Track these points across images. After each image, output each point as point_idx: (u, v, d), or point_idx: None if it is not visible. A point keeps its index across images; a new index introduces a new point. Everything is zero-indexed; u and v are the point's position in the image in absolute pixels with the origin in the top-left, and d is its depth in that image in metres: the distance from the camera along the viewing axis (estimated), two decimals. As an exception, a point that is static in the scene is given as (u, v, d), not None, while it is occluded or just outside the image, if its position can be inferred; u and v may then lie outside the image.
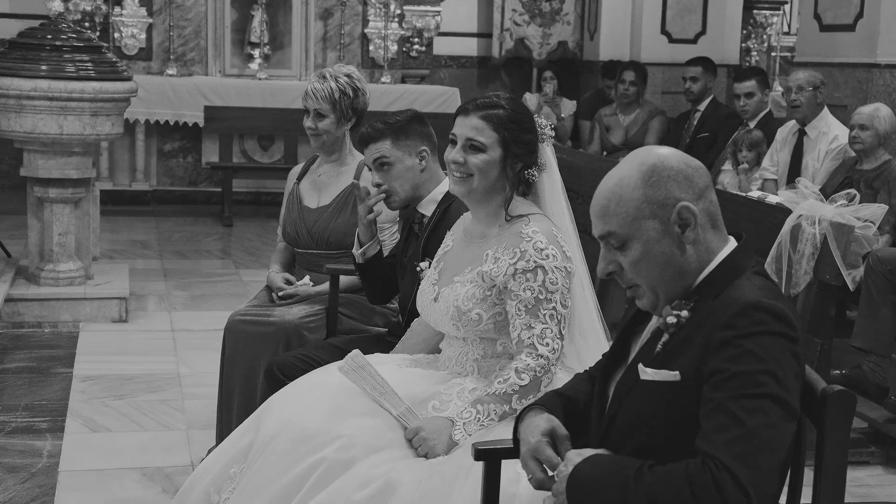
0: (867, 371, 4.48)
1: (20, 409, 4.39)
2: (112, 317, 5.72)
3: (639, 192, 1.94)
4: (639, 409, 1.98)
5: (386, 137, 3.32)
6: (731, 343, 1.84)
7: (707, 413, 1.83)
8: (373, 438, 2.52)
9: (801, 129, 6.13)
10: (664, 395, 1.93)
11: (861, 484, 3.99)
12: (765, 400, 1.80)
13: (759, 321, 1.84)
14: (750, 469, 1.76)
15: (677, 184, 1.95)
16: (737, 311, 1.86)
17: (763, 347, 1.82)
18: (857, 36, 7.14)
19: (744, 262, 1.98)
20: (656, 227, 1.94)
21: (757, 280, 1.94)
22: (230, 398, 3.75)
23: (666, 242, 1.95)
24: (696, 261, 1.96)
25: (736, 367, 1.82)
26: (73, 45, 5.62)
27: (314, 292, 3.83)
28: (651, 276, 1.97)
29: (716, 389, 1.83)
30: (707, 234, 1.97)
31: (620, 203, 1.95)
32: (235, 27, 9.65)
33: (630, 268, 1.97)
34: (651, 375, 1.96)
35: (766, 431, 1.79)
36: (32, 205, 5.86)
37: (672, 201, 1.94)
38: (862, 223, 4.04)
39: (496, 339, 2.73)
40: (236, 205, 9.14)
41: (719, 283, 1.95)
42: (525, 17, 10.65)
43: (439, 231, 3.21)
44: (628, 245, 1.96)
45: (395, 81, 9.82)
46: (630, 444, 1.98)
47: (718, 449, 1.78)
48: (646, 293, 1.99)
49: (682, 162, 1.98)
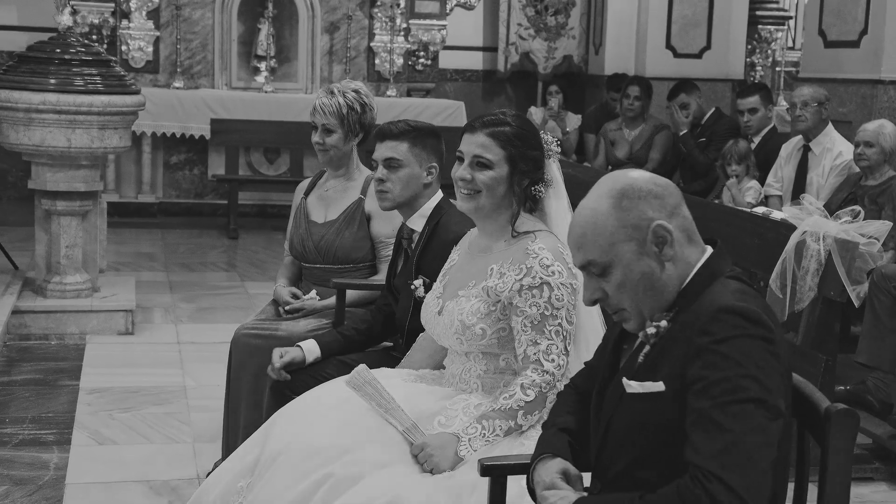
0: (871, 387, 4.49)
1: (27, 422, 4.40)
2: (118, 329, 5.74)
3: (612, 219, 1.97)
4: (629, 423, 2.00)
5: (405, 139, 3.35)
6: (709, 350, 1.86)
7: (693, 423, 1.85)
8: (379, 454, 2.53)
9: (806, 144, 6.14)
10: (652, 405, 1.95)
11: (865, 500, 4.00)
12: (748, 404, 1.81)
13: (733, 325, 1.86)
14: (742, 476, 1.78)
15: (648, 204, 1.98)
16: (711, 316, 1.88)
17: (740, 351, 1.84)
18: (862, 52, 7.16)
19: (719, 267, 2.01)
20: (633, 249, 1.97)
21: (733, 284, 1.97)
22: (236, 411, 3.77)
23: (645, 263, 1.98)
24: (676, 277, 2.00)
25: (716, 373, 1.84)
26: (82, 59, 5.66)
27: (321, 306, 3.85)
28: (635, 299, 2.00)
29: (699, 398, 1.85)
30: (684, 250, 2.00)
31: (596, 231, 1.98)
32: (242, 40, 9.70)
33: (614, 293, 2.00)
34: (636, 388, 1.98)
35: (753, 436, 1.80)
36: (40, 217, 5.89)
37: (646, 222, 1.97)
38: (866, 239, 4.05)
39: (499, 354, 2.75)
40: (242, 217, 9.16)
41: (696, 289, 1.98)
42: (530, 31, 10.68)
43: (430, 248, 3.23)
44: (609, 271, 1.99)
45: (401, 95, 9.85)
46: (625, 458, 2.00)
47: (708, 460, 1.79)
48: (632, 316, 2.02)
49: (651, 182, 2.01)
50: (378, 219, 3.87)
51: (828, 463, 1.93)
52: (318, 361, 3.30)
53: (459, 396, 2.74)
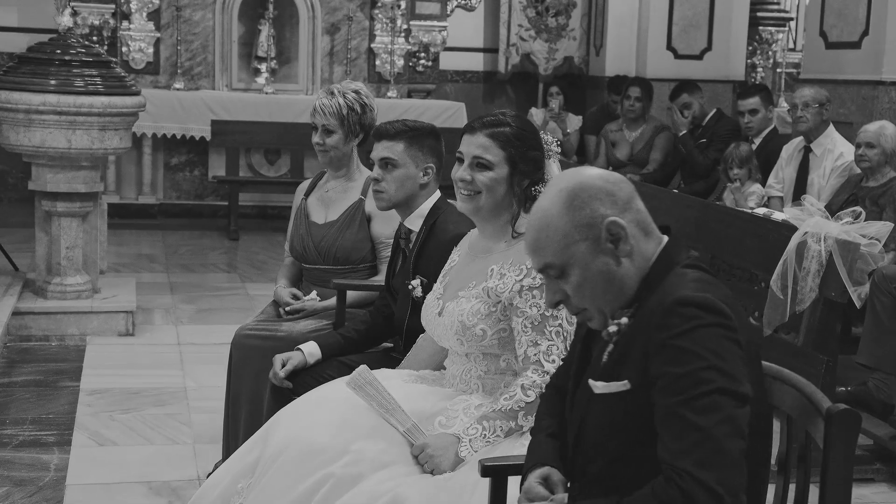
0: (872, 388, 4.49)
1: (27, 423, 4.40)
2: (119, 330, 5.74)
3: (564, 220, 1.96)
4: (601, 423, 1.99)
5: (401, 140, 3.34)
6: (668, 344, 1.85)
7: (661, 421, 1.84)
8: (380, 454, 2.53)
9: (807, 146, 6.14)
10: (621, 404, 1.94)
11: (866, 501, 3.99)
12: (713, 396, 1.80)
13: (689, 317, 1.85)
14: (714, 470, 1.77)
15: (600, 201, 1.96)
16: (666, 309, 1.87)
17: (699, 343, 1.83)
18: (863, 53, 7.16)
19: (675, 256, 1.99)
20: (589, 248, 1.96)
21: (690, 274, 1.95)
22: (237, 412, 3.76)
23: (601, 261, 1.96)
24: (635, 271, 1.98)
25: (678, 368, 1.83)
26: (82, 60, 5.66)
27: (321, 307, 3.85)
28: (595, 297, 1.98)
29: (664, 395, 1.84)
30: (640, 244, 1.99)
31: (549, 234, 1.97)
32: (242, 41, 9.70)
33: (574, 293, 1.99)
34: (602, 389, 1.97)
35: (721, 428, 1.79)
36: (40, 218, 5.89)
37: (598, 220, 1.95)
38: (868, 240, 4.05)
39: (499, 354, 2.74)
40: (242, 218, 9.16)
41: (653, 282, 1.96)
42: (531, 32, 10.68)
43: (427, 249, 3.23)
44: (567, 272, 1.98)
45: (402, 96, 9.85)
46: (601, 458, 1.99)
47: (679, 458, 1.79)
48: (594, 315, 2.01)
49: (602, 178, 2.00)
50: (378, 219, 3.87)
51: (829, 463, 1.93)
52: (319, 362, 3.30)
53: (460, 397, 2.74)
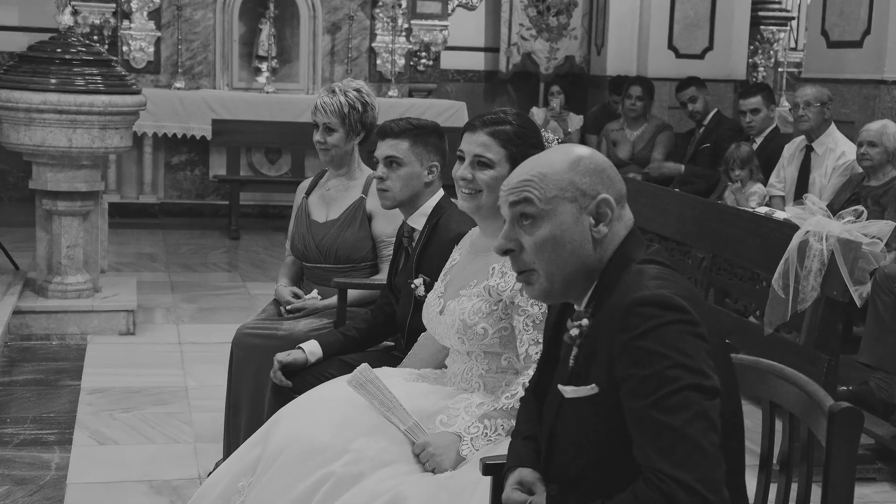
0: (874, 387, 4.48)
1: (28, 422, 4.40)
2: (120, 329, 5.74)
3: (565, 175, 1.93)
4: (574, 428, 1.96)
5: (406, 138, 3.33)
6: (630, 346, 1.82)
7: (634, 424, 1.82)
8: (381, 453, 2.53)
9: (809, 145, 6.13)
10: (590, 408, 1.91)
11: (868, 501, 3.99)
12: (682, 393, 1.78)
13: (648, 316, 1.82)
14: (693, 470, 1.75)
15: (602, 180, 1.95)
16: (626, 310, 1.84)
17: (661, 342, 1.80)
18: (865, 52, 7.15)
19: (631, 253, 1.95)
20: (573, 212, 1.92)
21: (649, 270, 1.91)
22: (238, 411, 3.76)
23: (577, 231, 1.92)
24: (595, 260, 1.95)
25: (643, 370, 1.80)
26: (83, 59, 5.65)
27: (322, 306, 3.85)
28: (552, 262, 1.93)
29: (633, 398, 1.81)
30: (613, 237, 1.95)
31: (544, 180, 1.93)
32: (243, 41, 9.69)
33: (532, 248, 1.94)
34: (571, 393, 1.93)
35: (694, 425, 1.77)
36: (41, 217, 5.88)
37: (594, 192, 1.93)
38: (869, 239, 4.04)
39: (501, 353, 2.74)
40: (243, 218, 9.16)
41: (610, 281, 1.93)
42: (532, 31, 10.68)
43: (430, 247, 3.22)
44: (538, 223, 1.93)
45: (403, 95, 9.85)
46: (577, 462, 1.96)
47: (657, 461, 1.77)
48: (540, 279, 1.95)
49: (608, 164, 1.99)
50: (379, 218, 3.87)
51: (832, 461, 1.92)
52: (320, 361, 3.29)
53: (461, 396, 2.74)
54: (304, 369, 3.29)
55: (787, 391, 2.12)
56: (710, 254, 4.84)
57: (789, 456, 2.13)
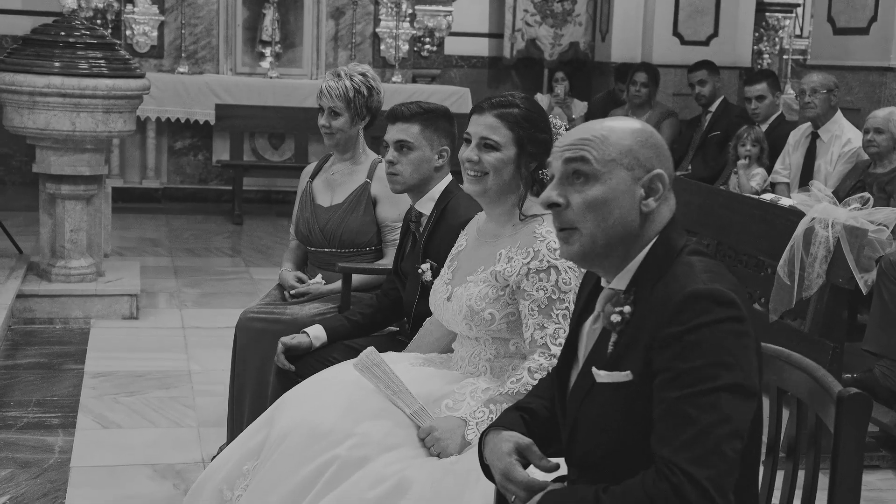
0: (879, 375, 4.47)
1: (32, 405, 4.40)
2: (123, 314, 5.73)
3: (627, 142, 1.93)
4: (599, 413, 1.94)
5: (416, 122, 3.31)
6: (676, 339, 1.80)
7: (660, 414, 1.80)
8: (386, 437, 2.52)
9: (814, 132, 6.11)
10: (621, 395, 1.90)
11: (872, 488, 3.98)
12: (717, 394, 1.76)
13: (700, 312, 1.80)
14: (708, 468, 1.73)
15: (658, 156, 1.95)
16: (678, 304, 1.82)
17: (707, 339, 1.78)
18: (871, 39, 7.13)
19: (675, 241, 1.94)
20: (626, 180, 1.91)
21: (697, 263, 1.90)
22: (242, 395, 3.76)
23: (626, 200, 1.91)
24: (639, 233, 1.93)
25: (683, 364, 1.78)
26: (87, 42, 5.64)
27: (326, 290, 3.84)
28: (596, 224, 1.91)
29: (667, 388, 1.80)
30: (659, 215, 1.94)
31: (605, 142, 1.93)
32: (247, 25, 9.67)
33: (580, 207, 1.92)
34: (605, 378, 1.92)
35: (720, 427, 1.75)
36: (44, 201, 5.87)
37: (650, 165, 1.93)
38: (875, 227, 4.03)
39: (508, 338, 2.73)
40: (247, 203, 9.14)
41: (654, 268, 1.92)
42: (536, 17, 10.64)
43: (438, 232, 3.21)
44: (590, 183, 1.92)
45: (406, 81, 9.82)
46: (601, 448, 1.94)
47: (674, 452, 1.75)
48: (581, 239, 1.93)
49: (666, 146, 1.99)
50: (384, 203, 3.86)
51: (840, 447, 1.91)
52: (325, 346, 3.29)
53: (467, 380, 2.73)
54: (308, 354, 3.29)
55: (794, 377, 2.11)
56: (715, 241, 4.83)
57: (797, 442, 2.11)
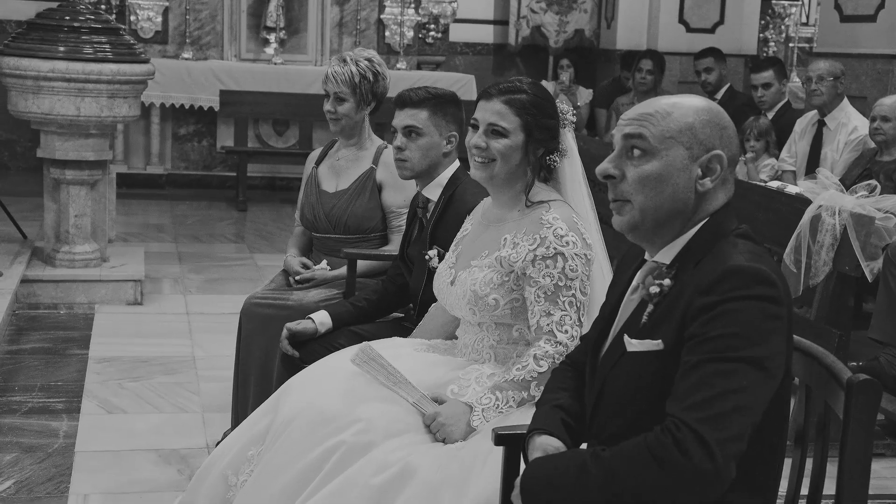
0: (884, 363, 4.45)
1: (36, 390, 4.40)
2: (127, 299, 5.73)
3: (688, 119, 1.94)
4: (625, 382, 1.96)
5: (425, 107, 3.29)
6: (709, 307, 1.82)
7: (681, 375, 1.81)
8: (391, 423, 2.51)
9: (821, 119, 6.09)
10: (649, 365, 1.91)
11: (878, 476, 3.97)
12: (739, 363, 1.77)
13: (737, 285, 1.82)
14: (715, 431, 1.73)
15: (720, 136, 1.95)
16: (717, 276, 1.84)
17: (739, 311, 1.80)
18: (879, 27, 7.09)
19: (726, 224, 1.95)
20: (683, 158, 1.93)
21: (743, 244, 1.91)
22: (246, 381, 3.75)
23: (682, 177, 1.93)
24: (692, 213, 1.95)
25: (712, 330, 1.80)
26: (91, 27, 5.62)
27: (331, 276, 3.83)
28: (649, 198, 1.93)
29: (692, 352, 1.81)
30: (714, 197, 1.96)
31: (666, 118, 1.94)
32: (251, 11, 9.64)
33: (635, 181, 1.94)
34: (636, 346, 1.94)
35: (737, 396, 1.76)
36: (49, 186, 5.87)
37: (710, 146, 1.93)
38: (882, 214, 4.02)
39: (512, 324, 2.72)
40: (251, 189, 9.14)
41: (700, 247, 1.93)
42: (542, 4, 10.60)
43: (445, 218, 3.20)
44: (647, 158, 1.93)
45: (411, 68, 9.80)
46: (622, 418, 1.96)
47: (685, 411, 1.76)
48: (632, 211, 1.95)
49: (731, 125, 1.99)
50: (389, 188, 3.85)
51: (849, 434, 1.90)
52: (330, 332, 3.28)
53: (472, 366, 2.72)
54: (313, 339, 3.28)
55: (803, 363, 2.10)
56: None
57: (805, 429, 2.10)
